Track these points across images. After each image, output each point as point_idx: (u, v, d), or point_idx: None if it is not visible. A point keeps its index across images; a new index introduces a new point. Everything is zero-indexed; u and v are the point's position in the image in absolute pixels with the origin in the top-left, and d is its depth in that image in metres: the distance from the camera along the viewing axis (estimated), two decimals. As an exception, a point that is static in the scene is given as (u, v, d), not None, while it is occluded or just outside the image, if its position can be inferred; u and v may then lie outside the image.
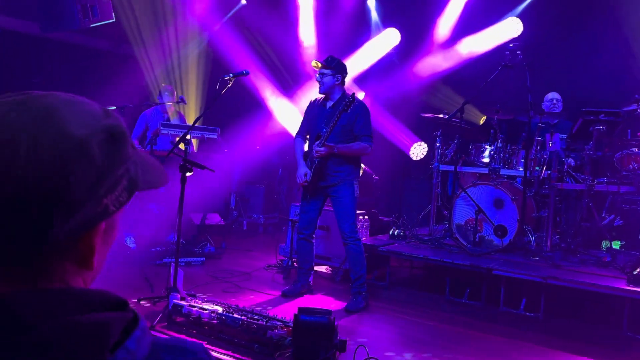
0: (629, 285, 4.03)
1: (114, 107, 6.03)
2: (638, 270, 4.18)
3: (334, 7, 8.24)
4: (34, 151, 0.60)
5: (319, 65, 4.44)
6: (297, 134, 4.76)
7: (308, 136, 4.67)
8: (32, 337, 0.56)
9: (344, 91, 4.52)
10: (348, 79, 4.68)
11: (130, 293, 4.24)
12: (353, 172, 4.48)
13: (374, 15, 8.38)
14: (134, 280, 4.75)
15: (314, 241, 4.72)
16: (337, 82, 4.45)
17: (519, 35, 7.10)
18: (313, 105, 4.70)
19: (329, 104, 4.52)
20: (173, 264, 3.92)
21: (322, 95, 4.57)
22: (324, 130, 4.32)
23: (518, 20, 7.21)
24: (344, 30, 8.25)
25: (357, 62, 8.15)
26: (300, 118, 4.90)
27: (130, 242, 6.01)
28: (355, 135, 4.40)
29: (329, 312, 3.14)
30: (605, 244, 5.15)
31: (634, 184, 5.00)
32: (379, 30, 8.31)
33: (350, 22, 8.27)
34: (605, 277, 4.30)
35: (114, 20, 5.99)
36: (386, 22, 8.25)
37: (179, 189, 3.94)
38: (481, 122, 7.16)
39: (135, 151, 0.72)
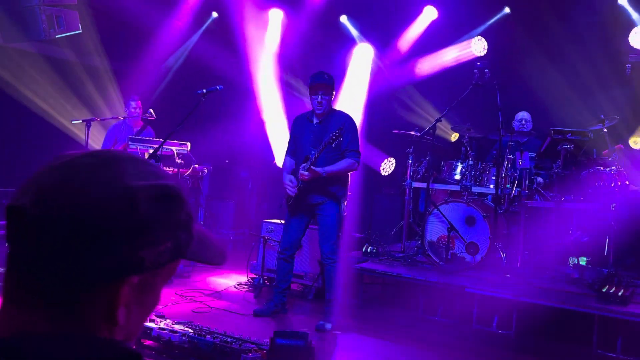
0: (598, 303, 4.10)
1: (80, 121, 5.87)
2: (607, 287, 4.26)
3: (305, 23, 8.25)
4: (86, 188, 0.65)
5: (323, 86, 4.28)
6: (286, 152, 4.63)
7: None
8: None
9: (331, 105, 4.44)
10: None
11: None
12: (340, 190, 4.41)
13: (353, 31, 8.42)
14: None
15: (293, 262, 4.63)
16: (333, 100, 4.41)
17: (487, 54, 7.25)
18: (298, 121, 4.58)
19: (317, 119, 4.41)
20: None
21: (309, 110, 4.46)
22: (313, 152, 4.20)
23: (482, 39, 7.38)
24: (317, 45, 8.26)
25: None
26: (271, 131, 4.85)
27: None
28: (342, 150, 4.29)
29: (305, 335, 3.07)
30: (572, 261, 5.25)
31: (599, 202, 5.12)
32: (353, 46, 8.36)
33: (326, 39, 8.30)
34: (575, 294, 4.37)
35: (80, 31, 5.83)
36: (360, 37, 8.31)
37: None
38: (453, 139, 7.24)
39: (193, 222, 0.75)
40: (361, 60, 8.09)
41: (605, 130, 5.12)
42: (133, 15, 6.79)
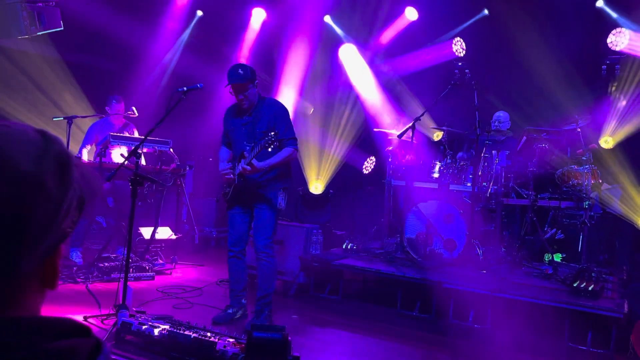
0: (569, 297, 4.22)
1: (62, 118, 5.87)
2: (578, 282, 4.38)
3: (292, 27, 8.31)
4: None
5: (238, 84, 4.05)
6: (221, 143, 4.47)
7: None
8: None
9: (259, 94, 4.24)
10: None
11: (76, 310, 4.10)
12: (280, 181, 4.22)
13: (339, 31, 8.48)
14: (81, 297, 4.59)
15: (245, 258, 4.41)
16: (256, 90, 4.18)
17: (466, 54, 7.37)
18: (229, 113, 4.38)
19: (247, 111, 4.20)
20: (122, 280, 3.82)
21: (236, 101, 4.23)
22: (247, 148, 4.04)
23: (461, 39, 7.50)
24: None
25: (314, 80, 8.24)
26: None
27: (76, 257, 5.80)
28: (279, 140, 4.00)
29: (282, 328, 3.13)
30: (547, 257, 5.38)
31: (573, 200, 5.26)
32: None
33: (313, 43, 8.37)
34: (548, 289, 4.49)
35: (62, 28, 5.82)
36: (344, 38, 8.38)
37: (129, 202, 3.86)
38: (436, 138, 7.36)
39: (76, 167, 0.74)
40: (349, 60, 8.17)
41: (579, 129, 5.25)
42: (118, 14, 6.81)
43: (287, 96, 7.89)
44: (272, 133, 3.81)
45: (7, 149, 0.66)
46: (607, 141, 6.49)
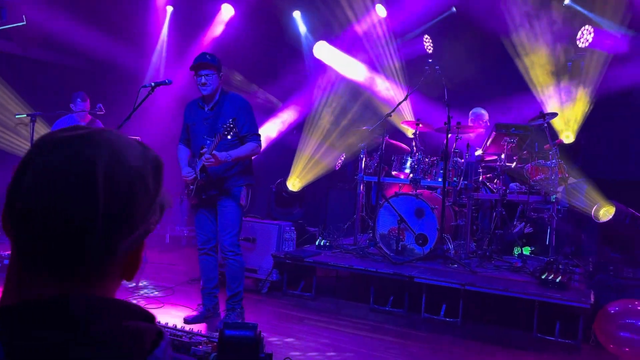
0: (537, 289, 4.30)
1: (25, 115, 5.70)
2: (546, 274, 4.47)
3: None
4: (110, 181, 0.74)
5: (204, 65, 4.01)
6: (179, 140, 4.36)
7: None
8: (89, 333, 0.69)
9: (222, 89, 4.17)
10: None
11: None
12: (242, 178, 4.15)
13: (302, 27, 8.45)
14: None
15: (217, 255, 4.32)
16: (220, 80, 4.11)
17: (436, 51, 7.44)
18: (190, 107, 4.29)
19: (209, 105, 4.13)
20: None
21: (200, 96, 4.18)
22: (209, 142, 3.95)
23: (429, 37, 7.57)
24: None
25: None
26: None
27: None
28: (241, 136, 4.04)
29: (255, 326, 3.10)
30: (516, 250, 5.48)
31: (541, 194, 5.36)
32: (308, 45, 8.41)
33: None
34: (517, 281, 4.57)
35: (24, 23, 5.65)
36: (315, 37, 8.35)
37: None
38: (411, 135, 7.41)
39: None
40: (328, 56, 8.15)
41: (545, 125, 5.35)
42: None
43: (253, 92, 7.88)
44: (231, 120, 3.77)
45: (122, 147, 0.78)
46: (568, 136, 6.64)
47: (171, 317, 4.23)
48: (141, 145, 0.82)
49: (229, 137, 3.81)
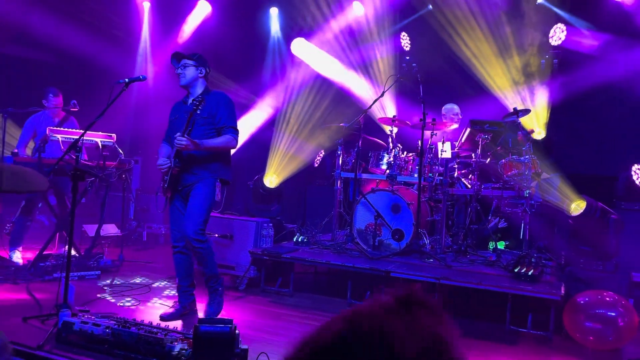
0: (510, 282, 4.38)
1: (-4, 111, 5.60)
2: (519, 268, 4.56)
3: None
4: None
5: (180, 56, 4.12)
6: (163, 139, 4.40)
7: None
8: None
9: (206, 86, 4.24)
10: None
11: (16, 312, 3.93)
12: (218, 170, 4.15)
13: (274, 25, 8.44)
14: (21, 298, 4.40)
15: (191, 253, 4.23)
16: (200, 75, 4.17)
17: (412, 48, 7.51)
18: (174, 106, 4.36)
19: (190, 99, 4.19)
20: (63, 278, 3.68)
21: (184, 94, 4.26)
22: (186, 132, 3.95)
23: (406, 34, 7.63)
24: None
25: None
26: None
27: (15, 257, 5.57)
28: (218, 128, 4.08)
29: (230, 321, 3.11)
30: (491, 245, 5.57)
31: (515, 189, 5.46)
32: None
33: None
34: (491, 275, 4.65)
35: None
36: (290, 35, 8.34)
37: (71, 199, 3.73)
38: (388, 131, 7.45)
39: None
40: (306, 53, 8.14)
41: (519, 121, 5.45)
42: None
43: (230, 90, 7.85)
44: (200, 94, 3.92)
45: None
46: (539, 133, 6.77)
47: (148, 315, 4.22)
48: None
49: (198, 111, 3.87)
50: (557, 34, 6.91)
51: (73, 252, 4.70)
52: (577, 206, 5.19)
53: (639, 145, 6.36)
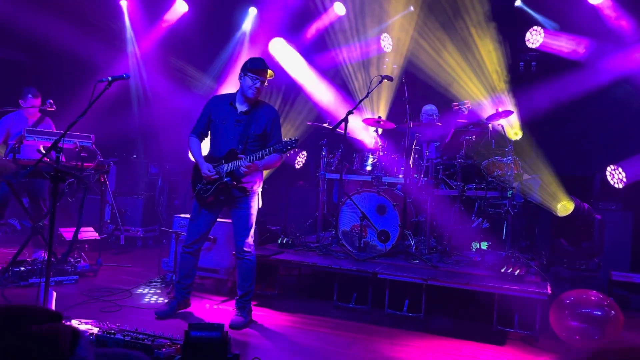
0: (498, 282, 4.40)
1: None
2: (505, 268, 4.58)
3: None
4: None
5: (267, 73, 4.08)
6: (193, 131, 4.26)
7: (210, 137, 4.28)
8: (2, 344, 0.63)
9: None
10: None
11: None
12: (257, 183, 4.24)
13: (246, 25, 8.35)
14: (-6, 305, 4.22)
15: (198, 257, 4.40)
16: None
17: (394, 49, 7.51)
18: (218, 103, 4.23)
19: (242, 107, 4.15)
20: (42, 284, 3.54)
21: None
22: (240, 147, 4.03)
23: (388, 35, 7.64)
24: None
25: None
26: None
27: (-13, 262, 5.34)
28: (268, 145, 4.07)
29: (221, 326, 3.03)
30: (475, 245, 5.60)
31: (498, 190, 5.50)
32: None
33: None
34: (478, 275, 4.66)
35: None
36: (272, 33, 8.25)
37: (46, 201, 3.59)
38: (372, 132, 7.44)
39: None
40: (281, 54, 8.05)
41: (500, 123, 5.49)
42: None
43: (211, 89, 7.75)
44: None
45: None
46: (516, 133, 6.86)
47: (130, 320, 4.09)
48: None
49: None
50: (534, 37, 7.02)
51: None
52: (564, 207, 5.25)
53: (614, 146, 6.49)
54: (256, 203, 4.25)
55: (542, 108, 6.89)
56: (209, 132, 4.27)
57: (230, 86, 8.07)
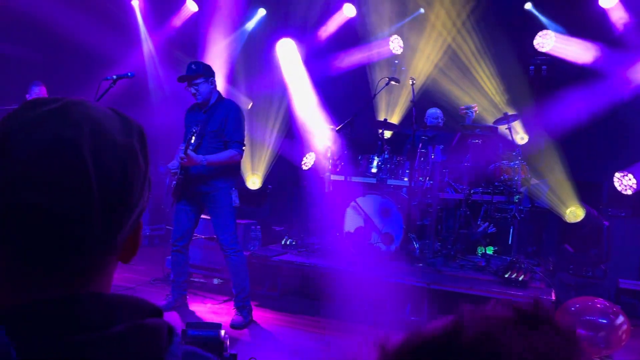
0: (501, 288, 4.36)
1: (-23, 107, 5.42)
2: (509, 273, 4.54)
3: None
4: (100, 166, 0.65)
5: (189, 78, 4.14)
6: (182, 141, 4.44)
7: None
8: (105, 335, 0.62)
9: (219, 93, 4.31)
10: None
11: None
12: (230, 180, 4.25)
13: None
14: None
15: (188, 254, 4.48)
16: (212, 85, 4.22)
17: (403, 51, 7.48)
18: (190, 110, 4.42)
19: (203, 109, 4.28)
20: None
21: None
22: (194, 144, 4.06)
23: (398, 37, 7.60)
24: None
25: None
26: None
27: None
28: (224, 140, 4.16)
29: (218, 326, 3.02)
30: (480, 250, 5.55)
31: (504, 194, 5.44)
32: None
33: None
34: (481, 280, 4.62)
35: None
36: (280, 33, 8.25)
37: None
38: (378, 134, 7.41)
39: None
40: (285, 56, 8.04)
41: (509, 126, 5.44)
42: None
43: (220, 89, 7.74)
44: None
45: (103, 122, 0.68)
46: (523, 138, 6.79)
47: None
48: (118, 115, 0.73)
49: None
50: (544, 41, 6.94)
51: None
52: (573, 212, 5.18)
53: (625, 152, 6.39)
54: (229, 199, 4.21)
55: (552, 112, 6.81)
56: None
57: (238, 86, 8.10)
